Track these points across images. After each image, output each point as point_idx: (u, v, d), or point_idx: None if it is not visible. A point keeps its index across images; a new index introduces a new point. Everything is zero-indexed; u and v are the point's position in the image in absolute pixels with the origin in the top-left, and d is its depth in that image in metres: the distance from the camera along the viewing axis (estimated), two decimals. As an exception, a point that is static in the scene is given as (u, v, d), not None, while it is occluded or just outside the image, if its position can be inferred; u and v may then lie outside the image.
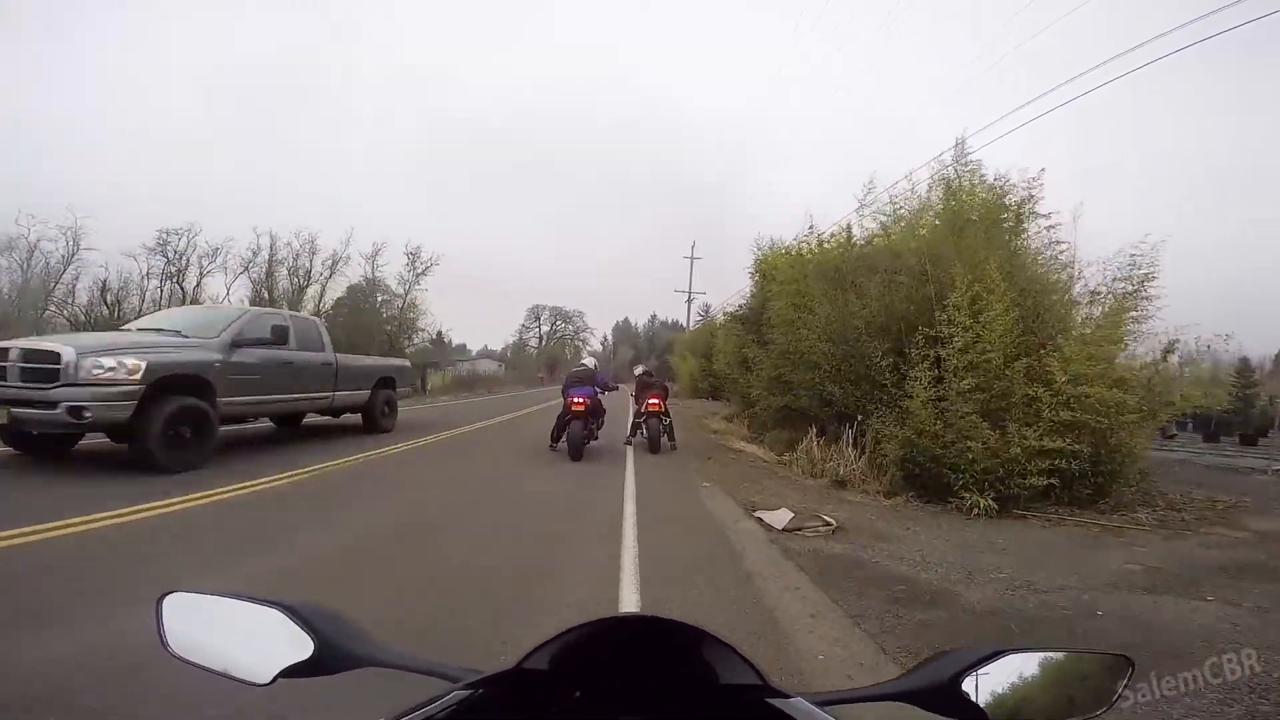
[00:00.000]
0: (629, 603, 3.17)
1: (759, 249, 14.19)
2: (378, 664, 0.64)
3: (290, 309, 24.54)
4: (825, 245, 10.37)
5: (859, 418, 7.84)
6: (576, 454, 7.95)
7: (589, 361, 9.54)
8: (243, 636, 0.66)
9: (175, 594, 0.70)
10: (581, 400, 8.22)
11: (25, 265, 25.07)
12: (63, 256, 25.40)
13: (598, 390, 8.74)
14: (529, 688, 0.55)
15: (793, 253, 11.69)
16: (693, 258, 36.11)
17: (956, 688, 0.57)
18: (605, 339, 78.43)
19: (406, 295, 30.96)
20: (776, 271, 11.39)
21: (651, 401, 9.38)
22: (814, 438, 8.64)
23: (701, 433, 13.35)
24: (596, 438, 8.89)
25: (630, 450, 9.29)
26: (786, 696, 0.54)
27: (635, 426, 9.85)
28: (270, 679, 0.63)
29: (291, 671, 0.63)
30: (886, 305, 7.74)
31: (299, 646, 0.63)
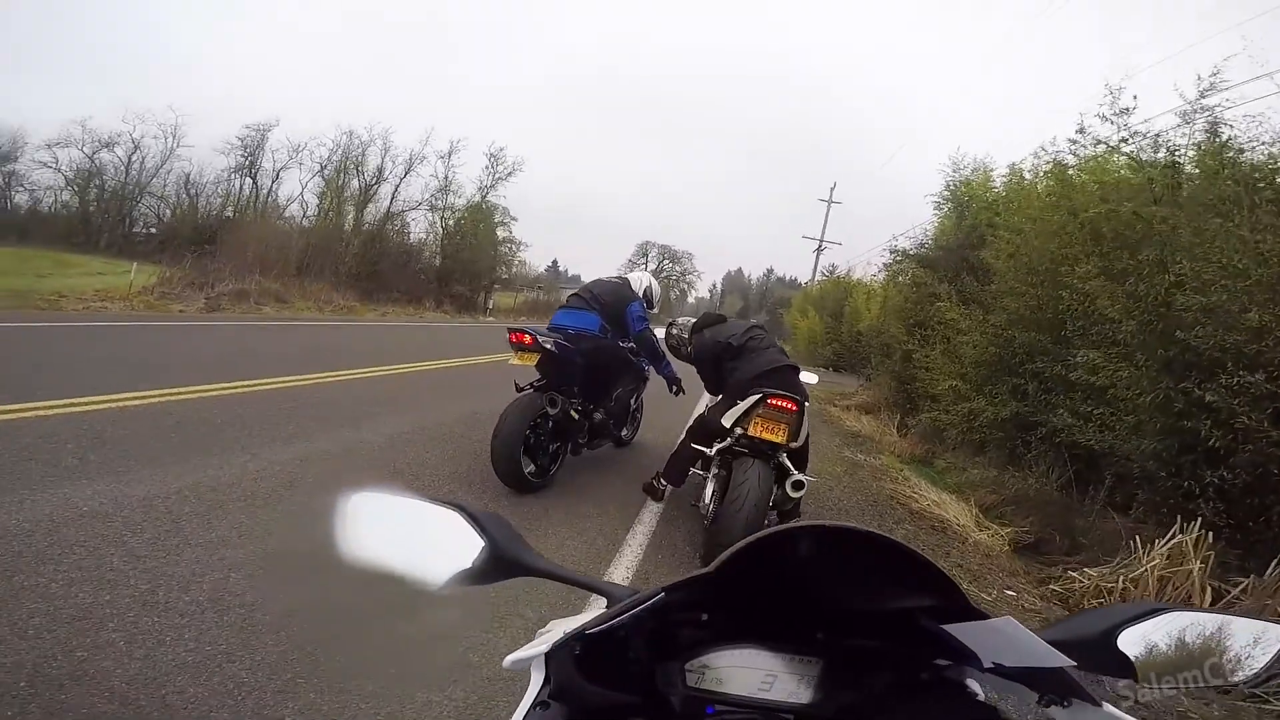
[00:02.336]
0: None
1: (957, 169, 9.79)
2: (541, 574, 0.65)
3: (357, 209, 23.20)
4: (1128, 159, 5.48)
5: None
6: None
7: (639, 278, 4.15)
8: (418, 537, 0.67)
9: (361, 493, 0.71)
10: (535, 342, 3.37)
11: (127, 161, 28.23)
12: (160, 153, 28.10)
13: (609, 334, 3.79)
14: (725, 593, 0.52)
15: (1049, 171, 6.70)
16: (830, 200, 29.78)
17: (1110, 642, 0.53)
18: (714, 286, 75.56)
19: (483, 199, 28.80)
20: (1015, 201, 7.32)
21: (781, 403, 2.94)
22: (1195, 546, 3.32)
23: (832, 443, 7.37)
24: (579, 451, 3.90)
25: (645, 526, 3.44)
26: (985, 617, 0.48)
27: (691, 459, 3.34)
28: (443, 582, 0.64)
29: (464, 576, 0.64)
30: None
31: (470, 549, 0.64)
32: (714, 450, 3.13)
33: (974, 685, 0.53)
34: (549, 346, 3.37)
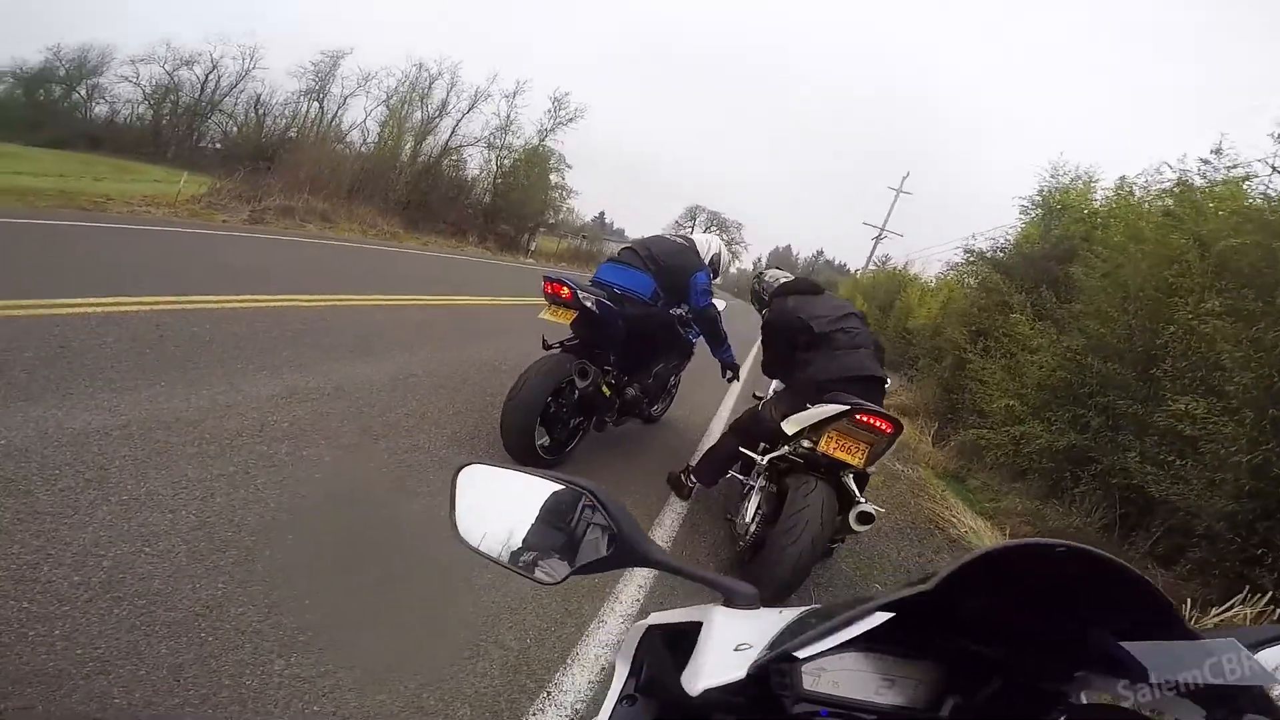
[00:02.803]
0: None
1: (1056, 174, 9.18)
2: (663, 568, 0.61)
3: (416, 139, 23.54)
4: None
5: None
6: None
7: (707, 241, 3.49)
8: (538, 520, 0.62)
9: (472, 466, 0.67)
10: (574, 297, 2.75)
11: (203, 79, 29.61)
12: (236, 73, 29.37)
13: (660, 301, 3.15)
14: (944, 614, 0.46)
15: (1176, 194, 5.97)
16: (899, 190, 28.43)
17: None
18: (759, 260, 73.44)
19: (541, 142, 28.53)
20: (1121, 217, 6.67)
21: (875, 422, 2.23)
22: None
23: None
24: (603, 427, 3.28)
25: (665, 530, 2.87)
26: (1197, 637, 0.43)
27: (732, 459, 2.83)
28: (561, 578, 0.60)
29: (587, 567, 0.61)
30: None
31: (596, 535, 0.61)
32: (765, 459, 2.53)
33: (1115, 697, 0.46)
34: (589, 305, 2.79)
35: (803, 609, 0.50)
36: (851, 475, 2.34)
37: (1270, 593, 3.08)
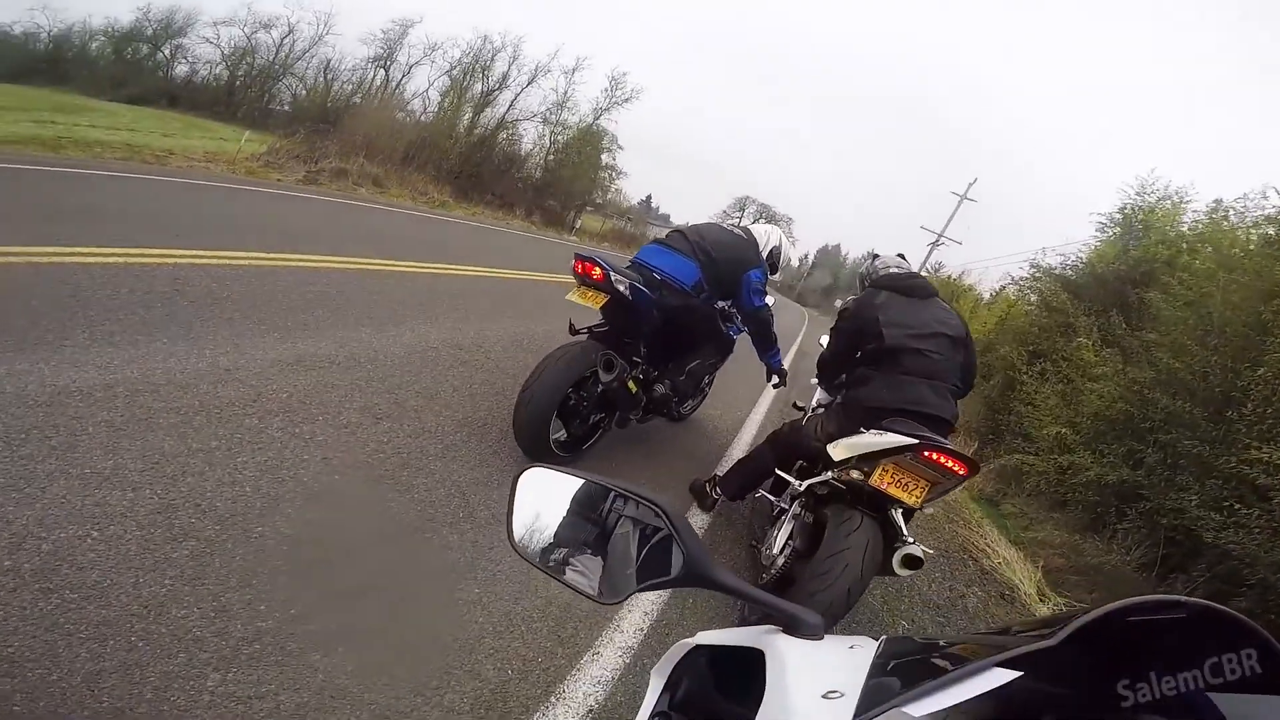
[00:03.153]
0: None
1: (1143, 191, 8.51)
2: (731, 592, 0.57)
3: (475, 111, 23.48)
4: None
5: None
6: None
7: (766, 233, 3.10)
8: (598, 530, 0.59)
9: (534, 469, 0.64)
10: (606, 280, 2.46)
11: (279, 42, 30.36)
12: (310, 38, 29.88)
13: (704, 294, 2.82)
14: (1076, 672, 0.43)
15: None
16: (964, 196, 26.70)
17: None
18: (805, 257, 71.48)
19: (595, 121, 27.98)
20: (1213, 242, 6.37)
21: (947, 462, 1.87)
22: None
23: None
24: (625, 424, 2.93)
25: None
26: None
27: (764, 476, 2.53)
28: (622, 597, 0.58)
29: (651, 586, 0.57)
30: None
31: (662, 552, 0.57)
32: (804, 483, 2.17)
33: None
34: (622, 290, 2.49)
35: (874, 641, 0.46)
36: (900, 510, 1.98)
37: None
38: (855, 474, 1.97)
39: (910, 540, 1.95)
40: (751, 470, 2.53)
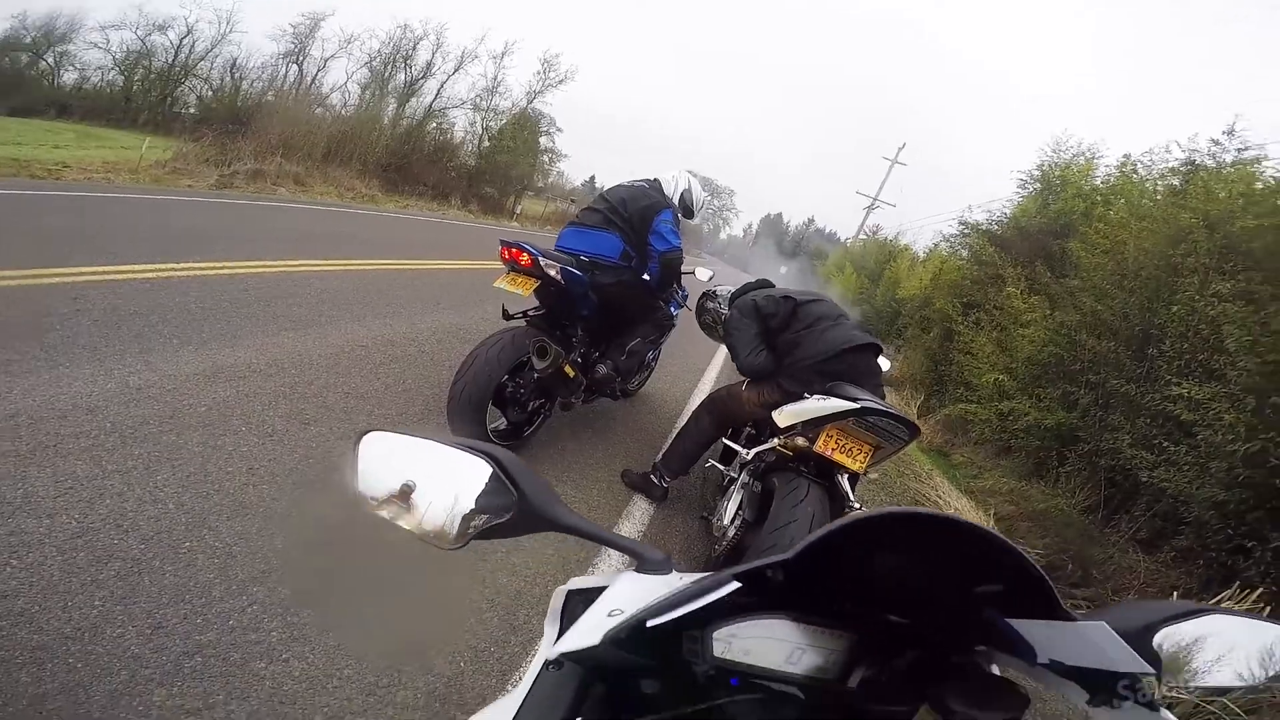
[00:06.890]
0: None
1: (1058, 150, 9.20)
2: (572, 531, 0.60)
3: (399, 102, 22.85)
4: None
5: None
6: None
7: (673, 178, 3.11)
8: (438, 485, 0.61)
9: (375, 433, 0.64)
10: (535, 265, 2.49)
11: (177, 44, 28.23)
12: (212, 38, 27.86)
13: (634, 261, 2.84)
14: (799, 582, 0.47)
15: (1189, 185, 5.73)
16: (894, 161, 28.64)
17: (1146, 639, 0.50)
18: (749, 226, 72.63)
19: (529, 104, 27.70)
20: (1125, 194, 6.88)
21: (890, 425, 2.00)
22: None
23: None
24: (569, 407, 2.96)
25: (634, 526, 2.64)
26: (1071, 619, 0.44)
27: (707, 446, 2.65)
28: (462, 542, 0.60)
29: (487, 533, 0.60)
30: None
31: (497, 501, 0.60)
32: (751, 453, 2.27)
33: (1011, 674, 0.48)
34: (553, 274, 2.51)
35: (704, 575, 0.46)
36: (846, 476, 2.07)
37: (1259, 588, 2.93)
38: (800, 440, 2.07)
39: (857, 505, 2.05)
40: (692, 442, 2.57)
